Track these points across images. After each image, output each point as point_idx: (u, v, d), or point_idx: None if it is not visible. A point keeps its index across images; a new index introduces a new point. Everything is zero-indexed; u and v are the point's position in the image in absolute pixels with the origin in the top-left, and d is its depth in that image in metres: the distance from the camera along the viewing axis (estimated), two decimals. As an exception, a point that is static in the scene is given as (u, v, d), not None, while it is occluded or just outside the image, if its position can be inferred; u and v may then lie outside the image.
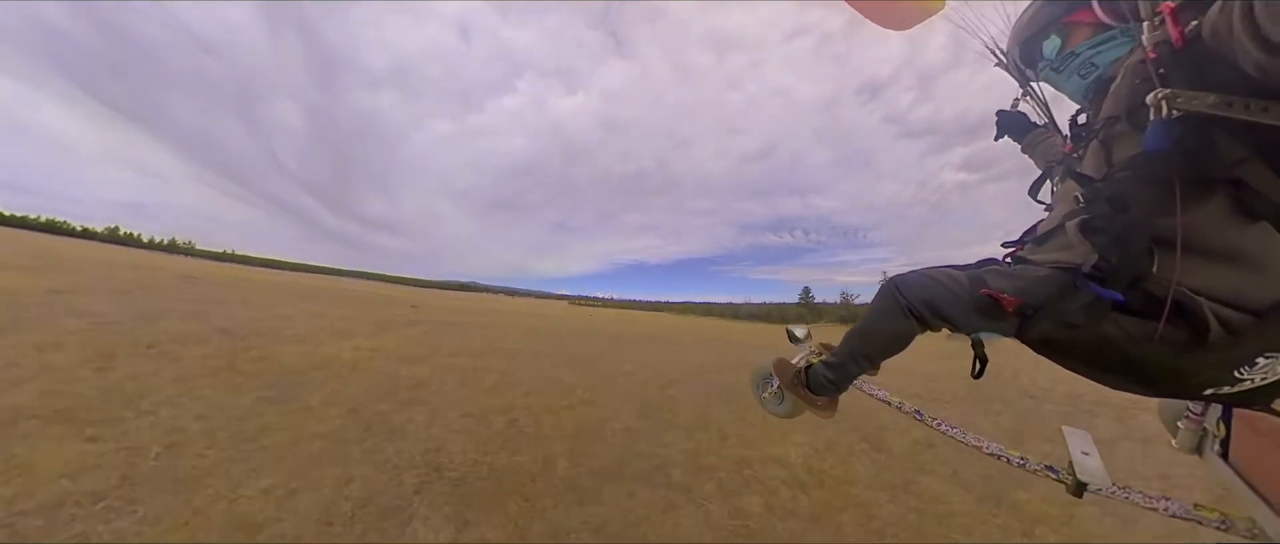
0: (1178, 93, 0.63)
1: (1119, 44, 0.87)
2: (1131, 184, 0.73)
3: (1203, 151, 0.64)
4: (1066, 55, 0.95)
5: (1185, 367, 0.71)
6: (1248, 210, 0.65)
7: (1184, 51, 0.64)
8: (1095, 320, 0.75)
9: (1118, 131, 0.79)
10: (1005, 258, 1.04)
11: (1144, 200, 0.70)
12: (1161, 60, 0.66)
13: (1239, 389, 0.70)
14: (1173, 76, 0.65)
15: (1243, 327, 0.66)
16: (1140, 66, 0.72)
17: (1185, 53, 0.64)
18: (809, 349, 1.48)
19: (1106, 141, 0.83)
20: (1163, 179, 0.68)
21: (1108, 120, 0.82)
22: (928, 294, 0.99)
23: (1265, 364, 0.66)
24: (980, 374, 1.11)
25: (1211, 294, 0.68)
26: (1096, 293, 0.74)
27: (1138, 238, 0.71)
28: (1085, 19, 0.90)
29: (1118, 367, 0.78)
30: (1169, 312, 0.68)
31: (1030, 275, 0.87)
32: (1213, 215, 0.67)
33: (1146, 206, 0.70)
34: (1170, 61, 0.65)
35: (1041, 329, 0.83)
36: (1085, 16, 0.90)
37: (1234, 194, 0.65)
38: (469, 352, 6.62)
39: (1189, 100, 0.63)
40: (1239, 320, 0.67)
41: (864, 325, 1.13)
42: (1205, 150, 0.64)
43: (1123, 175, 0.76)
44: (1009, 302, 0.84)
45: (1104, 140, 0.83)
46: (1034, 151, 1.33)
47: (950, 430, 1.35)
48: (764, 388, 1.41)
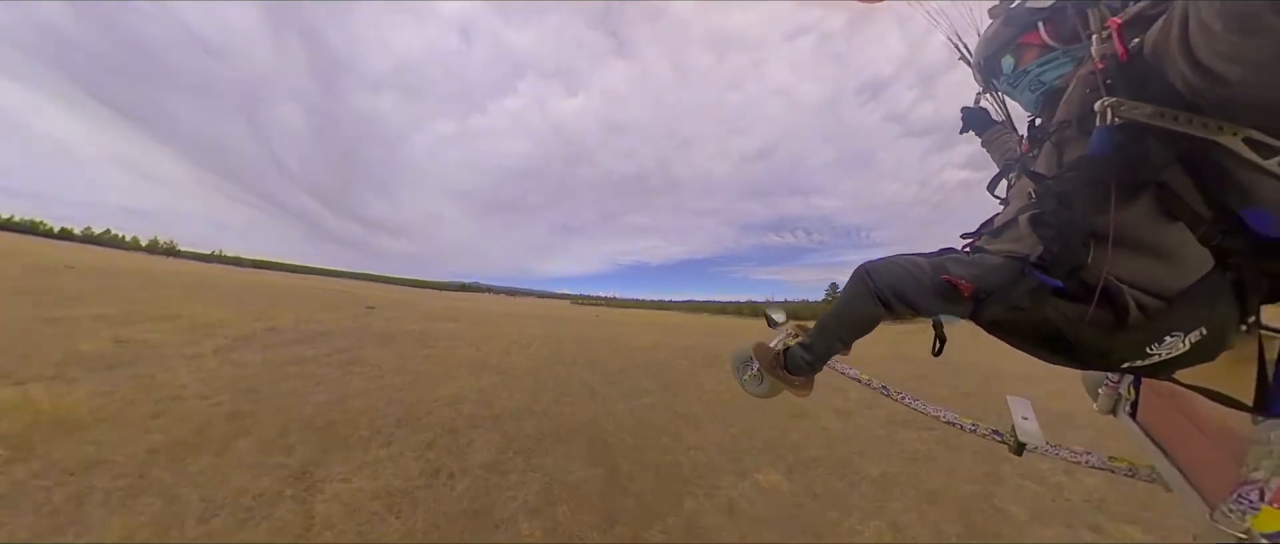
0: (1121, 102, 0.71)
1: (1061, 63, 0.96)
2: (1075, 183, 0.82)
3: (1137, 156, 0.73)
4: (1019, 73, 1.04)
5: (1109, 344, 0.82)
6: (1167, 210, 0.75)
7: (1128, 64, 0.71)
8: (1038, 304, 0.84)
9: (1068, 135, 0.88)
10: (964, 247, 1.15)
11: (1084, 198, 0.79)
12: (1108, 71, 0.74)
13: (1149, 362, 0.82)
14: (1117, 87, 0.73)
15: (1156, 311, 0.78)
16: (1090, 77, 0.80)
17: (1129, 66, 0.71)
18: (786, 332, 1.58)
19: (1058, 144, 0.92)
20: (1101, 180, 0.77)
21: (1060, 124, 0.90)
22: (894, 280, 1.07)
23: (1170, 341, 0.78)
24: (940, 352, 1.23)
25: (1134, 282, 0.79)
26: (1040, 280, 0.84)
27: (1077, 232, 0.81)
28: (1033, 41, 0.99)
29: (1055, 345, 0.89)
30: (1098, 297, 0.78)
31: (985, 263, 0.97)
32: (1139, 213, 0.77)
33: (1086, 204, 0.79)
34: (1115, 73, 0.73)
35: (993, 312, 0.93)
36: (1033, 39, 0.99)
37: (1158, 195, 0.75)
38: (361, 403, 4.02)
39: (1130, 109, 0.70)
40: (1153, 305, 0.78)
41: (837, 309, 1.22)
42: (1139, 155, 0.72)
43: (1069, 175, 0.85)
44: (965, 287, 0.93)
45: (1056, 143, 0.92)
46: (992, 146, 1.46)
47: (913, 403, 1.50)
48: (744, 370, 1.48)
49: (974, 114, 1.49)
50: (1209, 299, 0.76)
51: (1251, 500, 0.83)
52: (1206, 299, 0.76)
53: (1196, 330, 0.77)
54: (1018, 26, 1.01)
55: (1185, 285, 0.77)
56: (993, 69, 1.13)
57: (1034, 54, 1.01)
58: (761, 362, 1.39)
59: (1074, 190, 0.82)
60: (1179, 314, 0.77)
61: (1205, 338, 0.78)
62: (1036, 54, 1.00)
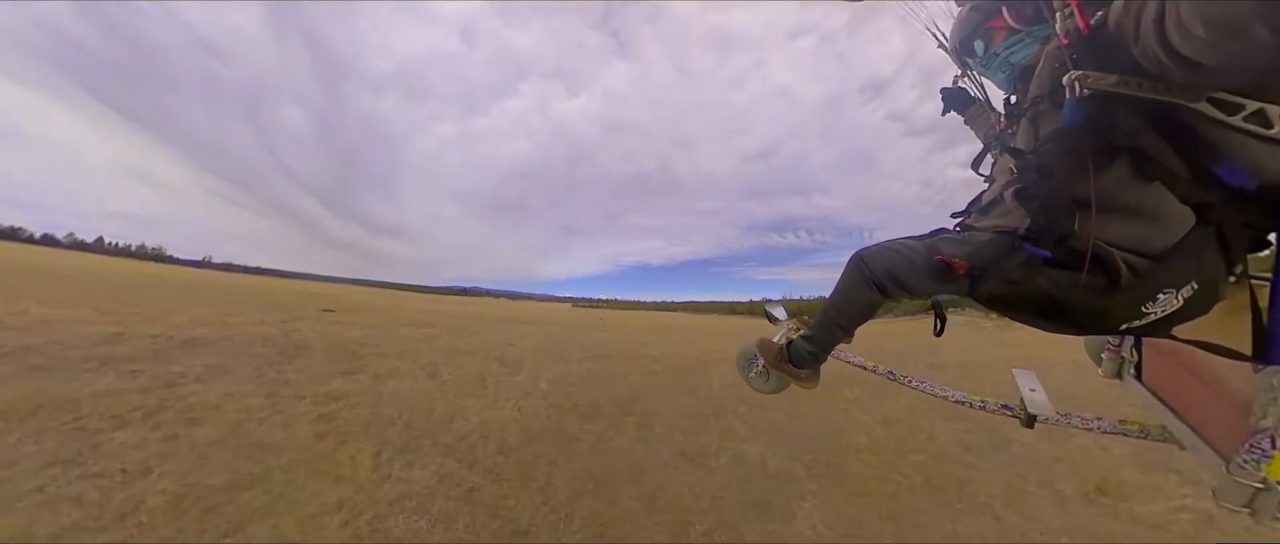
0: (1087, 74, 0.74)
1: (1027, 44, 1.00)
2: (1054, 155, 0.85)
3: (1107, 124, 0.76)
4: (990, 55, 1.08)
5: (1105, 306, 0.84)
6: (1144, 172, 0.77)
7: (1090, 38, 0.74)
8: (1031, 276, 0.86)
9: (1042, 110, 0.92)
10: (955, 226, 1.17)
11: (1064, 168, 0.82)
12: (1073, 46, 0.77)
13: (1146, 321, 0.83)
14: (1083, 60, 0.76)
15: (1145, 270, 0.80)
16: (1057, 52, 0.84)
17: (1092, 39, 0.74)
18: (787, 327, 1.58)
19: (1034, 119, 0.95)
20: (1078, 149, 0.79)
21: (1034, 100, 0.94)
22: (889, 265, 1.09)
23: (1164, 298, 0.80)
24: (941, 331, 1.24)
25: (1121, 244, 0.81)
26: (1030, 252, 0.85)
27: (1061, 201, 0.83)
28: (1000, 25, 1.03)
29: (1052, 313, 0.91)
30: (1089, 262, 0.80)
31: (976, 240, 0.99)
32: (1118, 178, 0.79)
33: (1066, 173, 0.81)
34: (1080, 47, 0.76)
35: (988, 287, 0.94)
36: (999, 23, 1.03)
37: (1134, 159, 0.77)
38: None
39: (1096, 80, 0.73)
40: (1142, 265, 0.80)
41: (835, 298, 1.23)
42: (1109, 122, 0.75)
43: (1047, 147, 0.87)
44: (960, 265, 0.95)
45: (1032, 118, 0.95)
46: (974, 123, 1.49)
47: (920, 385, 1.50)
48: (750, 368, 1.47)
49: (953, 94, 1.52)
50: (1196, 253, 0.78)
51: (1264, 449, 0.84)
52: (1193, 254, 0.78)
53: (1188, 285, 0.79)
54: (984, 12, 1.06)
55: (1171, 243, 0.79)
56: (967, 52, 1.16)
57: (1002, 37, 1.04)
58: (766, 357, 1.39)
59: (1053, 161, 0.84)
60: (1169, 271, 0.79)
61: (1197, 292, 0.79)
62: (1004, 36, 1.04)
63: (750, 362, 1.47)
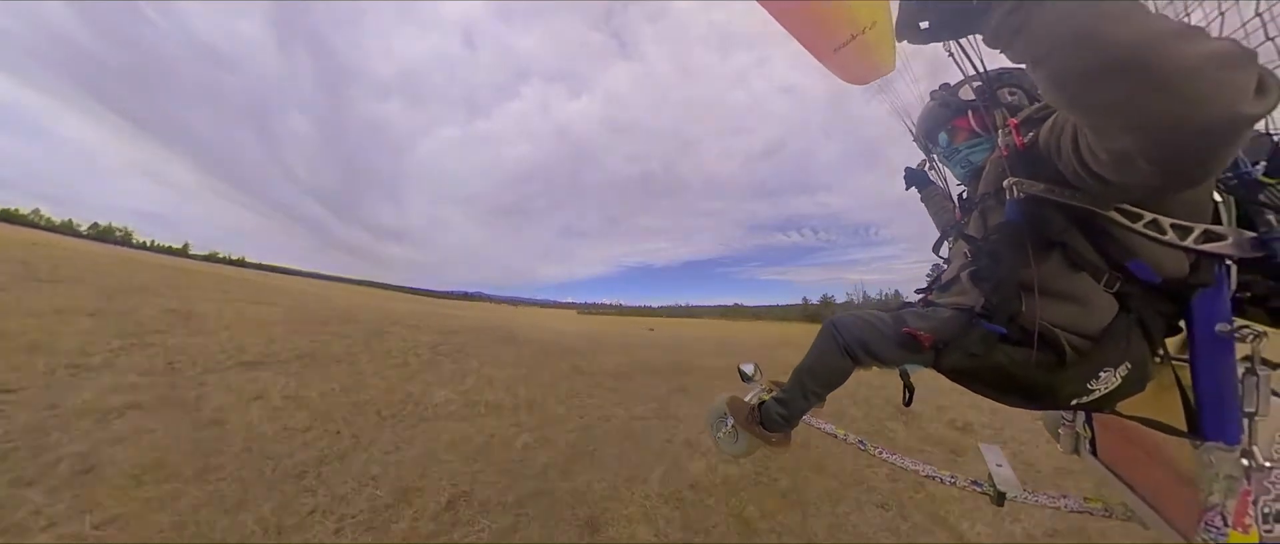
0: (1022, 181, 0.88)
1: (985, 148, 1.16)
2: (1001, 244, 0.96)
3: (1040, 222, 0.88)
4: (952, 149, 1.23)
5: (1054, 382, 0.91)
6: (1074, 264, 0.89)
7: (1025, 152, 0.89)
8: (989, 351, 0.94)
9: (990, 204, 1.06)
10: (919, 302, 1.25)
11: (1010, 256, 0.93)
12: (1010, 157, 0.92)
13: (1092, 397, 0.90)
14: (1017, 168, 0.90)
15: (1086, 350, 0.89)
16: (999, 160, 0.99)
17: (1026, 153, 0.89)
18: (759, 387, 1.58)
19: (984, 212, 1.09)
20: (1019, 241, 0.91)
21: (984, 195, 1.08)
22: (860, 334, 1.15)
23: (1105, 376, 0.88)
24: (909, 402, 1.28)
25: (1062, 325, 0.90)
26: (986, 328, 0.94)
27: (1008, 284, 0.93)
28: (963, 125, 1.19)
29: (1011, 387, 0.97)
30: (1038, 340, 0.88)
31: (939, 316, 1.07)
32: (1054, 267, 0.90)
33: (1011, 260, 0.92)
34: (1015, 158, 0.91)
35: (952, 359, 1.01)
36: (963, 124, 1.19)
37: (1065, 252, 0.89)
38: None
39: (1028, 186, 0.87)
40: (1083, 344, 0.89)
41: (809, 363, 1.26)
42: (1041, 221, 0.88)
43: (994, 237, 0.99)
44: (925, 338, 1.02)
45: (982, 211, 1.09)
46: (929, 201, 1.67)
47: (890, 457, 1.50)
48: (719, 427, 1.44)
49: (914, 174, 1.72)
50: (1124, 336, 0.88)
51: (1217, 527, 0.88)
52: (1122, 336, 0.88)
53: (1123, 365, 0.87)
54: (952, 110, 1.21)
55: (1102, 325, 0.89)
56: (931, 139, 1.32)
57: (964, 136, 1.19)
58: (736, 417, 1.38)
59: (1000, 249, 0.96)
60: (1105, 351, 0.88)
61: (1131, 371, 0.88)
62: (966, 136, 1.19)
63: (720, 420, 1.45)
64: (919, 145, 1.47)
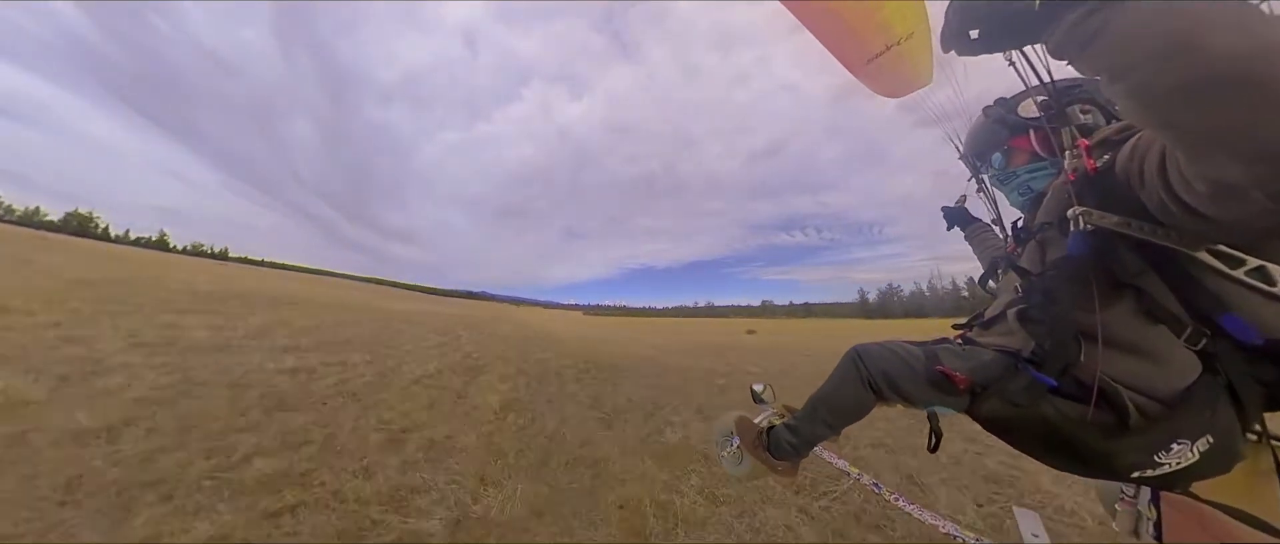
0: (1090, 211, 0.75)
1: (1049, 173, 1.02)
2: (1059, 281, 0.83)
3: (1111, 260, 0.75)
4: (1009, 173, 1.10)
5: (1113, 449, 0.77)
6: (1149, 313, 0.75)
7: (1096, 178, 0.76)
8: (1035, 401, 0.82)
9: (1050, 236, 0.91)
10: (955, 339, 1.12)
11: (1069, 296, 0.80)
12: (1078, 183, 0.79)
13: (1160, 473, 0.76)
14: (1086, 197, 0.77)
15: (1156, 414, 0.74)
16: (1064, 186, 0.85)
17: (1097, 179, 0.76)
18: (771, 410, 1.48)
19: (1042, 243, 0.94)
20: (1082, 279, 0.78)
21: (1043, 225, 0.94)
22: (887, 367, 1.03)
23: (1178, 449, 0.73)
24: (936, 448, 1.14)
25: (1128, 383, 0.76)
26: (1034, 376, 0.81)
27: (1065, 328, 0.80)
28: (1023, 146, 1.05)
29: (1057, 447, 0.84)
30: (1096, 397, 0.75)
31: (979, 357, 0.95)
32: (1123, 314, 0.77)
33: (1070, 302, 0.79)
34: (1084, 185, 0.78)
35: (990, 407, 0.89)
36: (1023, 144, 1.05)
37: (1138, 298, 0.75)
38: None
39: (1099, 218, 0.74)
40: (1152, 408, 0.74)
41: (826, 391, 1.16)
42: (1113, 260, 0.75)
43: (1052, 273, 0.86)
44: (961, 379, 0.90)
45: (1040, 241, 0.95)
46: (974, 240, 1.51)
47: (908, 506, 1.36)
48: (725, 446, 1.37)
49: (954, 213, 1.56)
50: (1209, 404, 0.73)
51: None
52: (1206, 404, 0.73)
53: (1202, 438, 0.72)
54: (1010, 130, 1.07)
55: (1179, 389, 0.74)
56: (983, 160, 1.19)
57: (1024, 158, 1.06)
58: (743, 439, 1.29)
59: (1058, 287, 0.83)
60: (1181, 419, 0.73)
61: (1213, 446, 0.73)
62: (1026, 159, 1.05)
63: (726, 439, 1.37)
64: (967, 164, 1.32)
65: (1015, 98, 1.06)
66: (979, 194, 1.50)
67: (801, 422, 1.21)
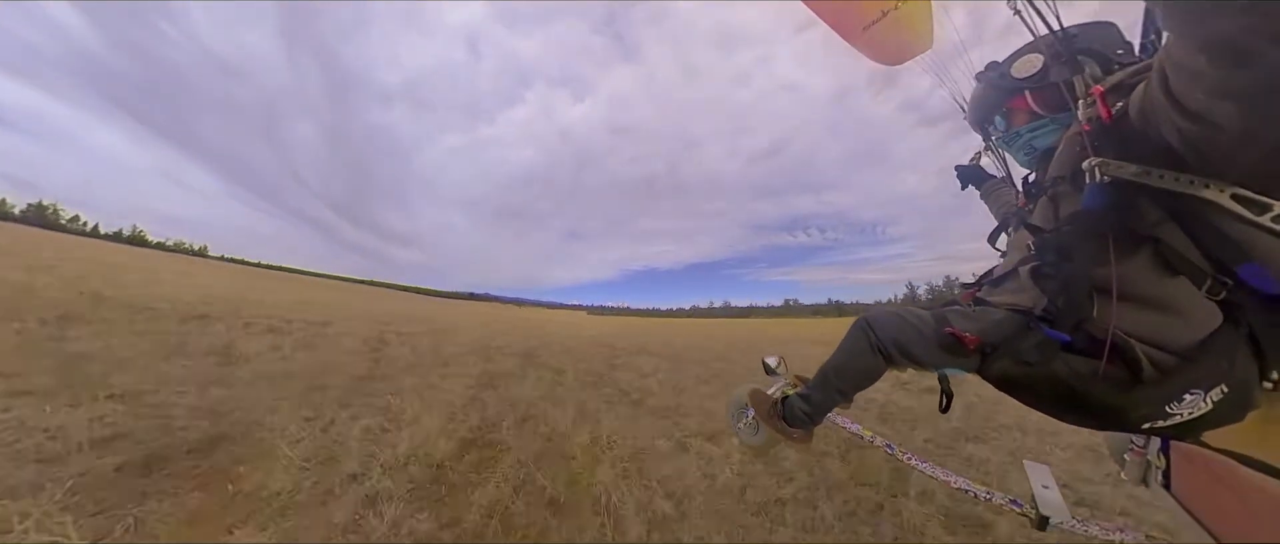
0: (1107, 162, 0.73)
1: (1050, 131, 1.00)
2: (1073, 237, 0.82)
3: (1129, 212, 0.73)
4: (1012, 134, 1.08)
5: (1125, 402, 0.77)
6: (1168, 265, 0.73)
7: (1112, 127, 0.74)
8: (1047, 359, 0.81)
9: (1062, 190, 0.89)
10: (965, 299, 1.12)
11: (1084, 251, 0.79)
12: (1093, 133, 0.76)
13: (1171, 423, 0.76)
14: (1102, 147, 0.75)
15: (1170, 366, 0.74)
16: (1077, 137, 0.83)
17: (1113, 128, 0.74)
18: (784, 380, 1.51)
19: (1054, 198, 0.92)
20: (1098, 234, 0.76)
21: (1054, 180, 0.92)
22: (896, 333, 1.04)
23: (1191, 400, 0.73)
24: (947, 408, 1.16)
25: (1142, 337, 0.75)
26: (1046, 333, 0.81)
27: (1079, 284, 0.79)
28: (1021, 105, 1.03)
29: (1068, 402, 0.84)
30: (1108, 352, 0.75)
31: (988, 317, 0.94)
32: (1140, 267, 0.75)
33: (1085, 257, 0.78)
34: (1100, 134, 0.75)
35: (1001, 366, 0.89)
36: (1021, 104, 1.03)
37: (1156, 250, 0.74)
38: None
39: (1115, 168, 0.72)
40: (1166, 361, 0.74)
41: (837, 361, 1.17)
42: (1131, 211, 0.73)
43: (1066, 229, 0.84)
44: (970, 340, 0.90)
45: (1052, 197, 0.93)
46: (990, 198, 1.48)
47: (921, 465, 1.39)
48: (739, 418, 1.41)
49: (969, 171, 1.53)
50: (1227, 354, 0.72)
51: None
52: (1223, 354, 0.72)
53: (1217, 388, 0.72)
54: (1004, 92, 1.06)
55: (1196, 340, 0.73)
56: (986, 125, 1.17)
57: (1023, 119, 1.04)
58: (758, 410, 1.33)
59: (1073, 243, 0.81)
60: (1196, 370, 0.73)
61: (1227, 396, 0.73)
62: (1026, 119, 1.04)
63: (741, 411, 1.40)
64: (974, 129, 1.29)
65: (1008, 59, 1.04)
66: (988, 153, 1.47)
67: (814, 390, 1.23)
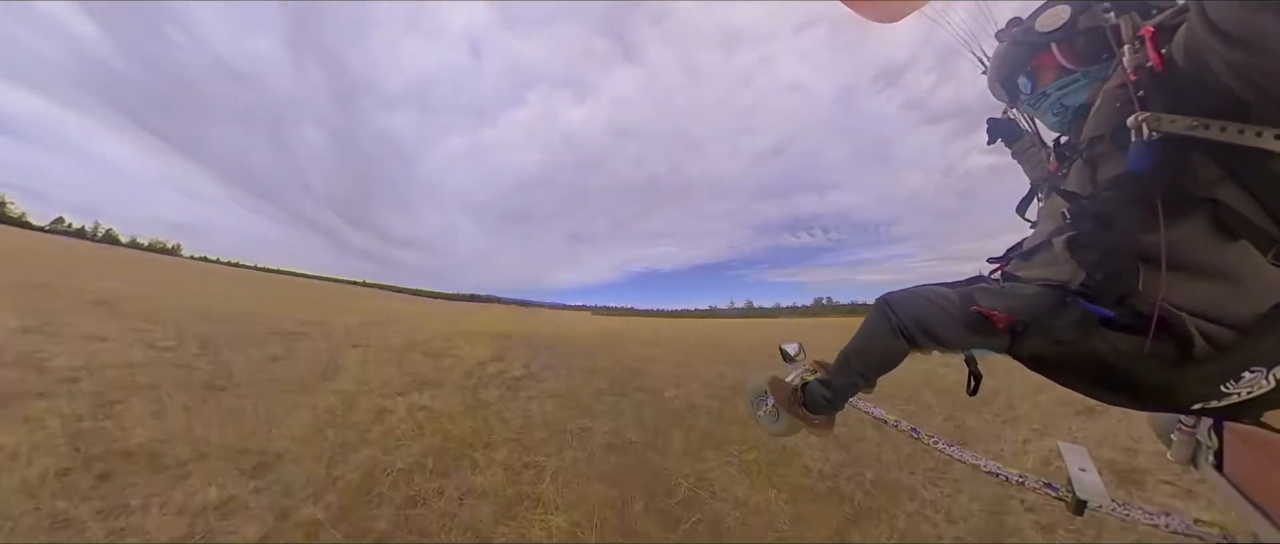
0: (1157, 115, 0.66)
1: (1082, 86, 0.92)
2: (1116, 202, 0.75)
3: (1182, 172, 0.66)
4: (1039, 95, 0.99)
5: (1174, 381, 0.71)
6: (1227, 229, 0.66)
7: (1163, 75, 0.66)
8: (1085, 336, 0.76)
9: (1101, 151, 0.82)
10: (992, 274, 1.06)
11: (1128, 218, 0.72)
12: (1141, 83, 0.69)
13: (1226, 403, 0.70)
14: (1152, 100, 0.67)
15: (1227, 342, 0.67)
16: (1120, 90, 0.75)
17: (1164, 77, 0.66)
18: (803, 367, 1.47)
19: (1091, 161, 0.85)
20: (1145, 198, 0.69)
21: (1091, 140, 0.84)
22: (919, 313, 0.99)
23: (1250, 378, 0.67)
24: (975, 391, 1.11)
25: (1195, 310, 0.69)
26: (1085, 309, 0.75)
27: (1124, 255, 0.72)
28: (1048, 63, 0.95)
29: (1109, 382, 0.79)
30: (1155, 327, 0.69)
31: (1019, 293, 0.89)
32: (1193, 233, 0.68)
33: (1131, 224, 0.72)
34: (1149, 85, 0.68)
35: (1033, 345, 0.84)
36: (1047, 61, 0.95)
37: (1213, 213, 0.67)
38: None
39: (1167, 123, 0.65)
40: (1223, 335, 0.68)
41: (857, 344, 1.13)
42: (1184, 171, 0.66)
43: (1107, 194, 0.77)
44: (1000, 318, 0.85)
45: (1088, 159, 0.85)
46: (1023, 157, 1.38)
47: (948, 449, 1.34)
48: (760, 406, 1.39)
49: (1001, 125, 1.42)
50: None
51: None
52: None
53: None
54: (1028, 49, 0.98)
55: (1259, 312, 0.66)
56: (1010, 88, 1.09)
57: (1051, 76, 0.96)
58: (778, 398, 1.30)
59: (1115, 210, 0.74)
60: (1257, 346, 0.66)
61: None
62: (1054, 75, 0.96)
63: (761, 399, 1.38)
64: (996, 95, 1.19)
65: (1033, 15, 0.96)
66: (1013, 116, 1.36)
67: (835, 375, 1.19)
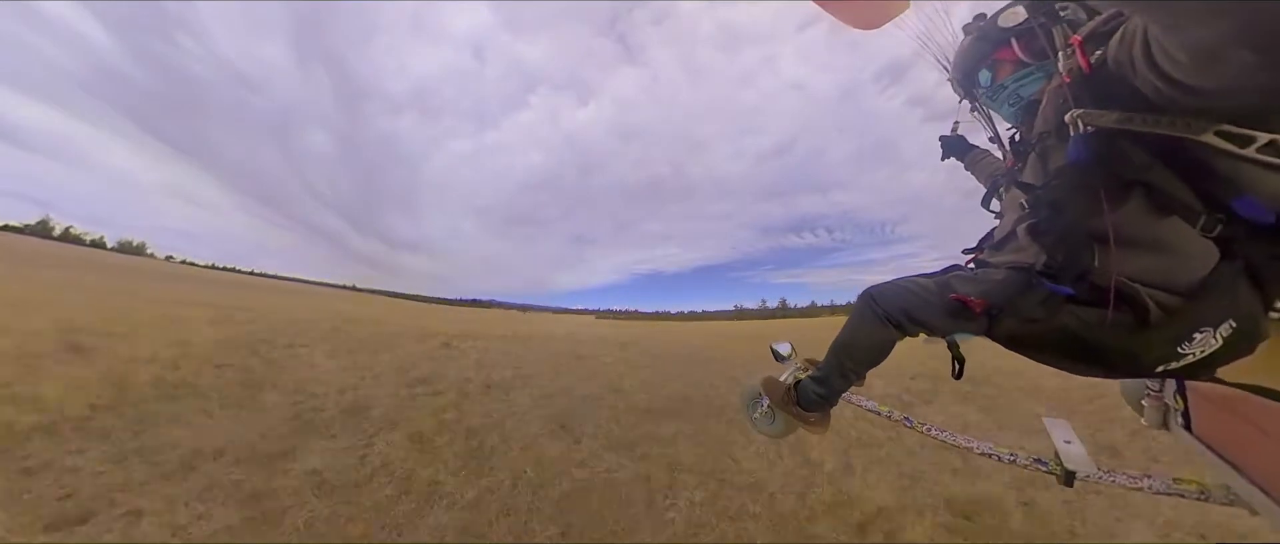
0: (1089, 112, 0.73)
1: (1036, 78, 1.00)
2: (1064, 190, 0.82)
3: (1115, 160, 0.73)
4: (997, 87, 1.08)
5: (1136, 346, 0.78)
6: (1160, 206, 0.74)
7: (1092, 76, 0.74)
8: (1053, 313, 0.82)
9: (1050, 145, 0.90)
10: (967, 263, 1.12)
11: (1076, 203, 0.79)
12: (1074, 84, 0.77)
13: (1184, 362, 0.76)
14: (1083, 98, 0.75)
15: (1175, 307, 0.74)
16: (1059, 90, 0.83)
17: (1093, 77, 0.74)
18: (795, 366, 1.50)
19: (1043, 153, 0.93)
20: (1088, 185, 0.77)
21: (1041, 135, 0.92)
22: (902, 302, 1.04)
23: (1201, 338, 0.73)
24: (960, 374, 1.16)
25: (1145, 280, 0.76)
26: (1050, 288, 0.81)
27: (1077, 236, 0.80)
28: (1008, 57, 1.04)
29: (1080, 354, 0.84)
30: (1114, 299, 0.75)
31: (991, 278, 0.95)
32: (1134, 212, 0.76)
33: (1079, 209, 0.79)
34: (1080, 85, 0.76)
35: (1008, 326, 0.90)
36: (1007, 55, 1.03)
37: (1148, 194, 0.74)
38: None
39: (1097, 118, 0.72)
40: (1171, 302, 0.75)
41: (845, 338, 1.17)
42: (1117, 158, 0.73)
43: (1056, 183, 0.85)
44: (976, 303, 0.91)
45: (1040, 153, 0.93)
46: (975, 168, 1.48)
47: (940, 434, 1.38)
48: (754, 408, 1.41)
49: (952, 142, 1.52)
50: (1229, 289, 0.72)
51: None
52: (1226, 289, 0.72)
53: (1224, 323, 0.73)
54: (991, 42, 1.06)
55: (1197, 278, 0.74)
56: (971, 82, 1.17)
57: (1010, 69, 1.04)
58: (772, 398, 1.32)
59: (1065, 196, 0.82)
60: (1202, 308, 0.73)
61: (1237, 330, 0.73)
62: (1012, 69, 1.04)
63: (755, 401, 1.40)
64: (956, 89, 1.29)
65: (996, 13, 1.04)
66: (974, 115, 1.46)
67: (826, 371, 1.23)
